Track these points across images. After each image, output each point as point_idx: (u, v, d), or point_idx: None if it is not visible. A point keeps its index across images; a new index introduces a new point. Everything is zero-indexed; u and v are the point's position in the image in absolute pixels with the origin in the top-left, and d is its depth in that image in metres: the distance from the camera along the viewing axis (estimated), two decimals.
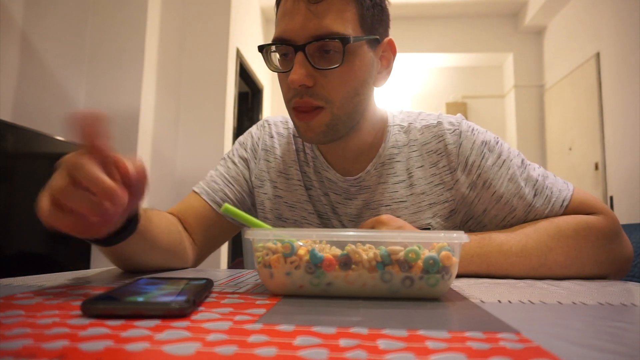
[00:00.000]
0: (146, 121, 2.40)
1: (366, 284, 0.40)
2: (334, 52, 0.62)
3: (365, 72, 0.66)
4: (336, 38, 0.61)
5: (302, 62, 0.61)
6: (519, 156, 0.71)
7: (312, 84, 0.62)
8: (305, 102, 0.63)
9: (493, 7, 4.43)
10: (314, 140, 0.67)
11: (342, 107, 0.65)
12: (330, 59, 0.62)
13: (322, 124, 0.64)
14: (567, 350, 0.24)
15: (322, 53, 0.62)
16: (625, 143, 3.04)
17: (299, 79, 0.61)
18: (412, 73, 5.02)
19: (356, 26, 0.63)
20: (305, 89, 0.63)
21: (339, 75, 0.63)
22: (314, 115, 0.64)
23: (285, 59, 0.66)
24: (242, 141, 0.84)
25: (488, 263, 0.61)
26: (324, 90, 0.63)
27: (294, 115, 0.66)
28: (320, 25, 0.61)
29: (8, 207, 1.57)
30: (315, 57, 0.62)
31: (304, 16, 0.61)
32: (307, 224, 0.76)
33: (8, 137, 1.56)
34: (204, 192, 0.77)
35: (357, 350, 0.24)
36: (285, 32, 0.63)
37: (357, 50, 0.64)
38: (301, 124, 0.66)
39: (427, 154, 0.72)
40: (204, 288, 0.39)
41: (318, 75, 0.63)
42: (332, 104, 0.64)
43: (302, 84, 0.62)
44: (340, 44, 0.61)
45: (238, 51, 3.28)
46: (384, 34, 0.69)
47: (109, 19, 2.34)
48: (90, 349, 0.23)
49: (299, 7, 0.62)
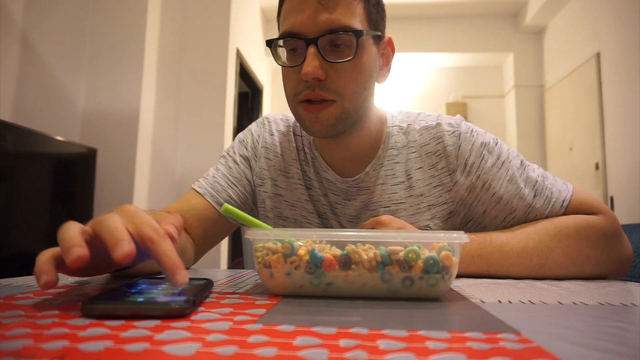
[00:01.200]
0: (146, 121, 2.40)
1: (366, 284, 0.40)
2: (344, 46, 0.63)
3: (372, 67, 0.67)
4: (350, 31, 0.62)
5: (315, 55, 0.62)
6: (518, 157, 0.71)
7: (325, 77, 0.63)
8: (317, 94, 0.63)
9: (493, 7, 4.43)
10: (321, 133, 0.67)
11: (352, 100, 0.65)
12: (341, 53, 0.63)
13: (332, 116, 0.65)
14: (567, 350, 0.24)
15: (333, 47, 0.63)
16: (625, 143, 3.04)
17: (313, 71, 0.61)
18: (412, 73, 5.02)
19: (364, 21, 0.64)
20: (317, 82, 0.63)
21: (349, 69, 0.63)
22: (324, 107, 0.64)
23: (294, 54, 0.66)
24: (242, 139, 0.83)
25: (489, 264, 0.61)
26: (335, 84, 0.63)
27: (301, 108, 0.66)
28: (332, 19, 0.61)
29: (8, 207, 1.57)
30: (327, 51, 0.63)
31: (315, 9, 0.62)
32: (307, 223, 0.76)
33: (8, 137, 1.55)
34: (207, 194, 0.76)
35: (357, 351, 0.24)
36: (296, 26, 0.63)
37: (365, 45, 0.65)
38: (309, 116, 0.65)
39: (426, 155, 0.72)
40: (203, 288, 0.39)
41: (329, 68, 0.63)
42: (342, 97, 0.64)
43: (315, 77, 0.62)
44: (353, 37, 0.62)
45: (238, 51, 3.29)
46: (384, 32, 0.70)
47: (109, 19, 2.34)
48: (90, 349, 0.23)
49: (308, 1, 0.62)
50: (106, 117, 2.28)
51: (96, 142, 2.18)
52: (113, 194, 2.24)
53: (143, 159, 2.38)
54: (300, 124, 0.68)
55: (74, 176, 2.01)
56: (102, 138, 2.24)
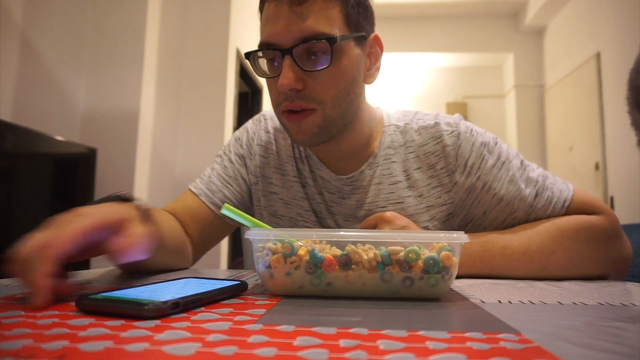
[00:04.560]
0: (146, 121, 2.40)
1: (366, 284, 0.40)
2: (321, 54, 0.61)
3: (354, 70, 0.65)
4: (323, 38, 0.60)
5: (291, 66, 0.61)
6: (518, 157, 0.71)
7: (302, 87, 0.62)
8: (296, 105, 0.63)
9: (493, 7, 4.43)
10: (305, 143, 0.66)
11: (334, 107, 0.64)
12: (318, 61, 0.61)
13: (314, 125, 0.64)
14: (567, 350, 0.24)
15: (310, 55, 0.62)
16: (625, 143, 3.04)
17: (289, 82, 0.60)
18: (412, 73, 5.02)
19: (342, 24, 0.62)
20: (296, 93, 0.62)
21: (328, 76, 0.62)
22: (305, 116, 0.63)
23: (273, 64, 0.65)
24: (237, 136, 0.83)
25: (491, 267, 0.61)
26: (314, 93, 0.62)
27: (284, 118, 0.65)
28: (304, 27, 0.60)
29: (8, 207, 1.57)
30: (303, 60, 0.61)
31: (288, 19, 0.60)
32: (302, 221, 0.75)
33: (8, 137, 1.55)
34: (202, 194, 0.76)
35: (357, 351, 0.24)
36: (270, 37, 0.62)
37: (345, 49, 0.63)
38: (292, 126, 0.65)
39: (425, 155, 0.71)
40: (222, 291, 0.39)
41: (307, 77, 0.62)
42: (323, 105, 0.63)
43: (292, 88, 0.61)
44: (327, 45, 0.60)
45: (238, 51, 3.28)
46: (370, 31, 0.68)
47: (109, 19, 2.34)
48: (90, 349, 0.23)
49: (282, 10, 0.61)
50: (106, 117, 2.28)
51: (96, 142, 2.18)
52: None
53: (143, 159, 2.38)
54: (287, 133, 0.68)
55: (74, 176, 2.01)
56: (102, 138, 2.24)
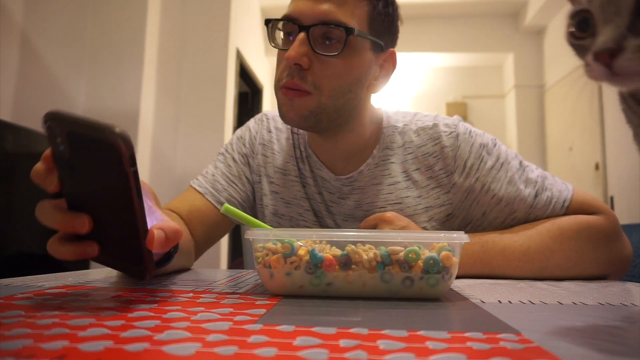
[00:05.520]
0: (146, 121, 2.40)
1: (366, 284, 0.40)
2: (336, 42, 0.63)
3: (362, 72, 0.66)
4: (341, 26, 0.62)
5: (303, 41, 0.62)
6: (517, 158, 0.71)
7: (307, 67, 0.63)
8: (295, 83, 0.63)
9: (493, 7, 4.43)
10: (294, 122, 0.66)
11: (331, 98, 0.64)
12: (331, 47, 0.63)
13: (306, 108, 0.64)
14: (567, 350, 0.24)
15: (325, 39, 0.63)
16: (625, 143, 3.04)
17: (295, 55, 0.62)
18: (412, 73, 5.02)
19: (364, 24, 0.64)
20: (298, 71, 0.63)
21: (335, 66, 0.63)
22: (300, 95, 0.64)
23: (288, 38, 0.66)
24: (240, 135, 0.83)
25: (491, 268, 0.61)
26: (315, 77, 0.63)
27: (281, 93, 0.66)
28: (328, 11, 0.62)
29: (8, 207, 1.57)
30: (317, 42, 0.63)
31: (316, 1, 0.62)
32: (302, 221, 0.75)
33: (8, 137, 1.56)
34: (208, 193, 0.76)
35: (357, 351, 0.24)
36: (294, 12, 0.64)
37: (358, 47, 0.64)
38: (285, 101, 0.65)
39: (423, 156, 0.71)
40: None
41: (315, 59, 0.63)
42: (320, 91, 0.64)
43: (297, 63, 0.62)
44: (344, 33, 0.62)
45: (238, 51, 3.29)
46: (389, 45, 0.70)
47: (109, 20, 2.34)
48: (90, 349, 0.23)
49: None
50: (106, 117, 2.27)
51: None
52: None
53: (143, 159, 2.38)
54: (279, 110, 0.68)
55: None
56: None
